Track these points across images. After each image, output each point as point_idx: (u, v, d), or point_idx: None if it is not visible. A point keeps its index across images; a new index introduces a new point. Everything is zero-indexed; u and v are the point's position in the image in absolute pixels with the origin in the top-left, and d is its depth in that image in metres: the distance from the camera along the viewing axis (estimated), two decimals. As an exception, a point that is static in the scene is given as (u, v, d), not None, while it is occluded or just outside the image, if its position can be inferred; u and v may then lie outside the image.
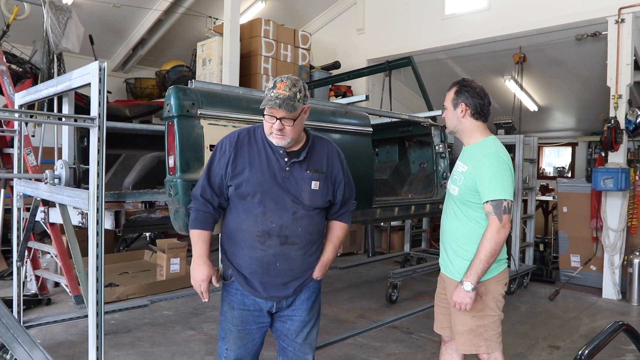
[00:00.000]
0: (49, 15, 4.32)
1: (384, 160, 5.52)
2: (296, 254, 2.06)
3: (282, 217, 2.01)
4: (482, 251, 2.16)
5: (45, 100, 3.72)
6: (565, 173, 10.87)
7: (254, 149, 2.05)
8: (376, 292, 5.39)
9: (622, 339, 3.65)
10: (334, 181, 2.13)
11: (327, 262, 2.19)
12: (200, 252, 2.06)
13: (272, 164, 2.03)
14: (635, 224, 5.49)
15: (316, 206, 2.08)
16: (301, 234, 2.05)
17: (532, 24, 6.15)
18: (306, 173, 2.04)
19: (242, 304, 2.12)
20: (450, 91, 2.37)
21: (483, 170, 2.20)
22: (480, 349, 2.29)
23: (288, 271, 2.07)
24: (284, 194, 2.01)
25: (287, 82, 1.95)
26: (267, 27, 6.54)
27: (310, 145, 2.10)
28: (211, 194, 2.07)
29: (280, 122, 1.93)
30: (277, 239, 2.01)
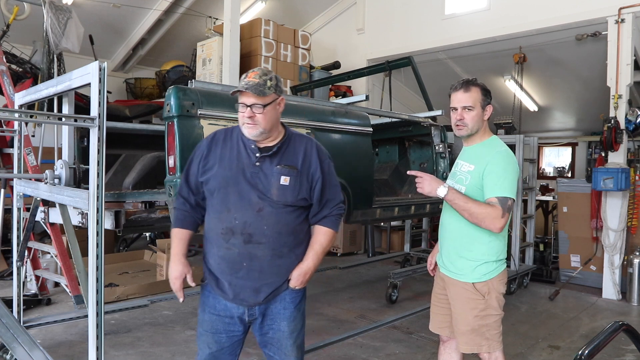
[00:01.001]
0: (49, 15, 4.32)
1: (384, 160, 5.52)
2: (263, 254, 1.94)
3: (246, 214, 1.92)
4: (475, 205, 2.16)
5: (45, 100, 3.72)
6: (565, 173, 10.87)
7: (227, 146, 2.00)
8: (376, 292, 5.39)
9: (622, 339, 3.65)
10: (311, 179, 2.00)
11: (306, 270, 2.00)
12: (176, 250, 2.03)
13: (242, 159, 1.96)
14: (635, 224, 5.49)
15: (286, 203, 1.95)
16: (267, 233, 1.93)
17: (532, 24, 6.15)
18: (276, 168, 1.94)
19: (213, 308, 2.04)
20: (472, 91, 2.27)
21: (492, 167, 2.20)
22: (482, 348, 2.29)
23: (257, 273, 1.95)
24: (250, 190, 1.92)
25: (257, 72, 1.92)
26: (267, 27, 6.54)
27: (285, 141, 2.01)
28: (187, 192, 2.04)
29: (250, 110, 1.87)
30: (240, 236, 1.92)
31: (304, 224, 2.05)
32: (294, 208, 1.98)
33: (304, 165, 1.99)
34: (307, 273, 2.01)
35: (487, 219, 2.13)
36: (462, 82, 2.32)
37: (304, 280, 2.01)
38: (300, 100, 3.60)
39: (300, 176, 1.97)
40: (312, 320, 4.42)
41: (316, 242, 2.05)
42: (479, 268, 2.26)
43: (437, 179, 2.26)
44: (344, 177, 3.42)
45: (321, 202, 2.04)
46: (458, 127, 2.32)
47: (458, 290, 2.32)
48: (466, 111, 2.28)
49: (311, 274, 2.03)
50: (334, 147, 3.40)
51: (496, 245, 2.28)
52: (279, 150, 1.97)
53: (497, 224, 2.13)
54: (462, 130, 2.31)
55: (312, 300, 5.07)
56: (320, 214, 2.05)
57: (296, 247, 2.02)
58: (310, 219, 2.07)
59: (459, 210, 2.21)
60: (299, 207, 2.00)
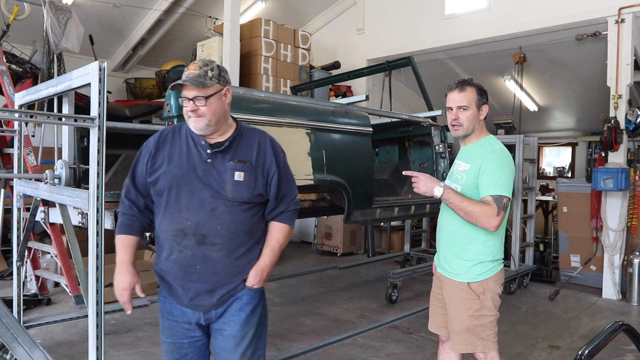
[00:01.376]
0: (49, 15, 4.32)
1: (384, 160, 5.52)
2: (218, 255, 1.84)
3: (199, 214, 1.82)
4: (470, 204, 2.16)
5: (45, 100, 3.72)
6: (565, 173, 10.87)
7: (176, 143, 1.90)
8: (376, 292, 5.39)
9: (622, 339, 3.65)
10: (266, 173, 1.91)
11: (264, 267, 1.90)
12: (124, 258, 1.92)
13: (193, 157, 1.86)
14: (635, 224, 5.49)
15: (242, 200, 1.85)
16: (222, 233, 1.83)
17: (532, 24, 6.15)
18: (229, 164, 1.85)
19: (170, 314, 1.93)
20: (467, 91, 2.27)
21: (487, 165, 2.21)
22: (477, 348, 2.29)
23: (211, 276, 1.84)
24: (202, 189, 1.83)
25: (198, 63, 1.84)
26: (267, 27, 6.54)
27: (236, 135, 1.91)
28: (135, 195, 1.94)
29: (193, 103, 1.79)
30: (193, 238, 1.82)
31: (260, 222, 1.95)
32: (249, 205, 1.89)
33: (258, 159, 1.90)
34: (264, 271, 1.90)
35: (482, 218, 2.14)
36: (457, 82, 2.33)
37: (261, 279, 1.90)
38: (300, 100, 3.60)
39: (255, 171, 1.88)
40: (312, 320, 4.43)
41: (272, 238, 1.95)
42: (474, 268, 2.27)
43: (433, 178, 2.28)
44: (343, 177, 3.42)
45: (277, 197, 1.95)
46: (454, 127, 2.34)
47: (453, 290, 2.33)
48: (461, 111, 2.29)
49: (269, 271, 1.93)
50: (334, 147, 3.40)
51: (492, 245, 2.28)
52: (231, 145, 1.88)
53: (492, 222, 2.13)
54: (458, 131, 2.33)
55: (312, 300, 5.08)
56: (276, 210, 1.96)
57: (254, 247, 1.92)
58: (267, 215, 1.97)
59: (454, 209, 2.22)
60: (255, 204, 1.91)
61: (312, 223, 7.95)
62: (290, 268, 6.48)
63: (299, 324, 4.32)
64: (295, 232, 8.45)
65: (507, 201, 2.17)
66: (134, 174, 1.94)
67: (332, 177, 3.33)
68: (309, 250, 7.82)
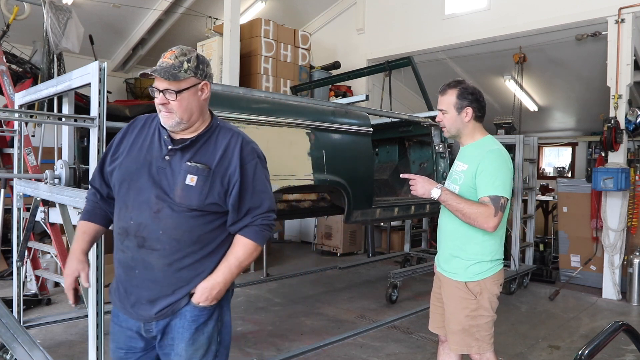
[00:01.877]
0: (49, 15, 4.32)
1: (384, 160, 5.53)
2: (157, 262, 1.66)
3: (142, 214, 1.66)
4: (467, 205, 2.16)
5: (45, 100, 3.72)
6: (565, 173, 10.87)
7: (142, 135, 1.75)
8: (376, 292, 5.39)
9: (622, 339, 3.65)
10: (227, 181, 1.68)
11: (214, 284, 1.67)
12: (75, 245, 1.80)
13: (153, 152, 1.70)
14: (635, 224, 5.49)
15: (190, 206, 1.65)
16: (163, 239, 1.64)
17: (532, 24, 6.15)
18: (185, 164, 1.66)
19: (116, 317, 1.78)
20: (447, 94, 2.32)
21: (484, 166, 2.21)
22: (472, 349, 2.29)
23: (150, 283, 1.67)
24: (151, 187, 1.66)
25: (175, 51, 1.68)
26: (267, 27, 6.54)
27: (204, 134, 1.72)
28: (100, 183, 1.82)
29: (163, 96, 1.63)
30: (134, 239, 1.67)
31: (218, 233, 1.73)
32: (201, 213, 1.67)
33: (220, 164, 1.68)
34: (214, 288, 1.67)
35: (479, 218, 2.14)
36: (444, 84, 2.37)
37: (209, 297, 1.67)
38: (300, 100, 3.60)
39: (213, 177, 1.66)
40: (312, 320, 4.43)
41: (232, 253, 1.72)
42: (471, 267, 2.27)
43: (431, 180, 2.29)
44: (343, 177, 3.42)
45: (239, 210, 1.71)
46: (442, 129, 2.42)
47: (451, 289, 2.33)
48: (442, 114, 2.35)
49: (220, 290, 1.69)
50: (334, 147, 3.40)
51: (490, 245, 2.28)
52: (194, 144, 1.70)
53: (489, 222, 2.13)
54: (445, 132, 2.40)
55: (312, 300, 5.08)
56: (240, 223, 1.73)
57: (205, 259, 1.70)
58: (229, 227, 1.74)
59: (452, 210, 2.23)
60: (209, 212, 1.69)
61: (312, 223, 7.95)
62: (290, 268, 6.48)
63: (299, 324, 4.32)
64: (295, 232, 8.45)
65: (504, 201, 2.17)
66: (102, 161, 1.83)
67: (332, 177, 3.33)
68: (309, 250, 7.82)
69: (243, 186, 1.70)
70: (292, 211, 3.97)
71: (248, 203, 1.72)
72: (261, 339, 3.91)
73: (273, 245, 7.37)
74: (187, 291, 1.69)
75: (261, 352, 3.63)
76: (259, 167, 1.76)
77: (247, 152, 1.73)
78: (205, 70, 1.71)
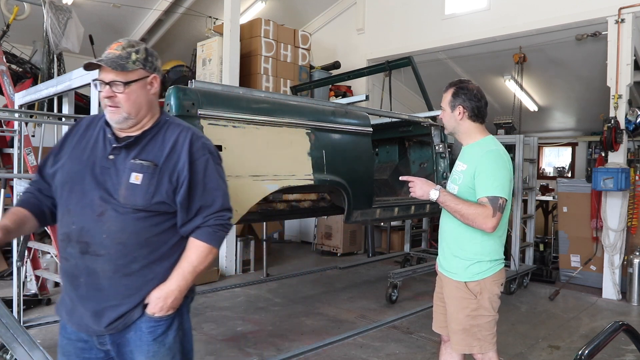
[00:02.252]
0: (49, 15, 4.32)
1: (384, 160, 5.52)
2: (102, 269, 1.54)
3: (85, 218, 1.55)
4: (465, 206, 2.17)
5: (45, 100, 3.72)
6: (565, 173, 10.87)
7: (87, 134, 1.65)
8: (376, 292, 5.39)
9: (622, 339, 3.65)
10: (176, 178, 1.58)
11: (168, 292, 1.58)
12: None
13: (97, 151, 1.61)
14: (635, 224, 5.49)
15: (136, 206, 1.55)
16: (107, 244, 1.54)
17: (532, 24, 6.15)
18: (129, 162, 1.56)
19: (64, 329, 1.67)
20: (447, 93, 2.38)
21: (483, 167, 2.22)
22: (474, 348, 2.29)
23: (96, 292, 1.56)
24: (94, 189, 1.56)
25: (122, 42, 1.59)
26: (267, 27, 6.54)
27: (151, 129, 1.63)
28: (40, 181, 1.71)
29: (109, 88, 1.54)
30: (76, 245, 1.55)
31: (168, 236, 1.62)
32: (148, 214, 1.57)
33: (168, 160, 1.59)
34: (168, 297, 1.57)
35: (478, 219, 2.15)
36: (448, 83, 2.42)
37: (164, 306, 1.57)
38: (300, 100, 3.60)
39: (160, 174, 1.57)
40: (312, 320, 4.42)
41: (184, 259, 1.61)
42: (471, 267, 2.27)
43: (429, 182, 2.30)
44: (343, 177, 3.42)
45: (190, 209, 1.61)
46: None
47: (452, 289, 2.34)
48: (442, 112, 2.42)
49: (175, 298, 1.59)
50: (334, 147, 3.40)
51: (490, 245, 2.29)
52: (140, 141, 1.60)
53: (488, 223, 2.14)
54: (445, 130, 2.47)
55: (312, 300, 5.08)
56: (190, 224, 1.62)
57: (155, 264, 1.59)
58: (180, 229, 1.64)
59: (451, 212, 2.24)
60: (156, 213, 1.59)
61: (312, 223, 7.95)
62: (290, 268, 6.48)
63: (299, 324, 4.32)
64: (295, 232, 8.45)
65: (503, 202, 2.17)
66: (44, 162, 1.72)
67: (332, 177, 3.33)
68: (309, 250, 7.82)
69: (193, 183, 1.60)
70: (292, 211, 3.97)
71: (199, 201, 1.62)
72: (261, 339, 3.91)
73: (273, 245, 7.38)
74: (136, 301, 1.58)
75: (261, 352, 3.63)
76: (210, 163, 1.66)
77: (197, 147, 1.64)
78: (155, 64, 1.64)
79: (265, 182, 2.86)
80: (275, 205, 3.66)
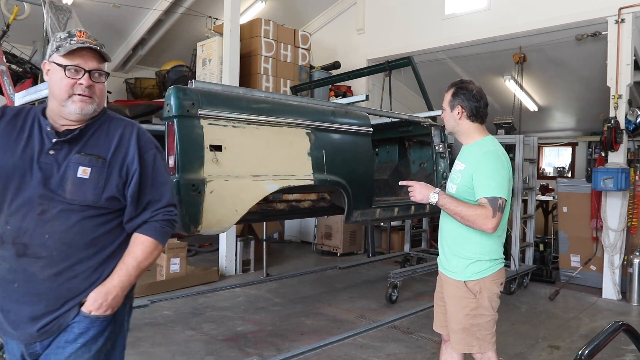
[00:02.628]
0: (49, 15, 4.32)
1: (384, 160, 5.52)
2: (43, 273, 1.44)
3: (22, 217, 1.45)
4: (465, 208, 2.18)
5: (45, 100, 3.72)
6: (565, 173, 10.87)
7: (17, 127, 1.52)
8: (376, 292, 5.39)
9: (622, 339, 3.65)
10: (125, 172, 1.53)
11: (109, 289, 1.49)
12: None
13: (33, 146, 1.49)
14: (635, 224, 5.49)
15: (84, 203, 1.47)
16: (50, 244, 1.44)
17: (532, 24, 6.15)
18: (74, 156, 1.48)
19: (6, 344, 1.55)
20: (447, 92, 2.39)
21: (481, 167, 2.22)
22: (473, 348, 2.30)
23: (33, 297, 1.45)
24: (36, 186, 1.45)
25: (87, 33, 1.51)
26: (267, 27, 6.54)
27: (94, 123, 1.56)
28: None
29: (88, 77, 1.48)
30: (12, 247, 1.44)
31: (116, 234, 1.56)
32: (96, 211, 1.50)
33: (116, 154, 1.53)
34: (109, 293, 1.48)
35: (478, 220, 2.16)
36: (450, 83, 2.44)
37: (104, 303, 1.48)
38: (300, 100, 3.60)
39: (109, 168, 1.51)
40: (312, 320, 4.43)
41: (129, 253, 1.54)
42: (471, 266, 2.28)
43: (428, 185, 2.31)
44: (343, 177, 3.42)
45: (139, 203, 1.56)
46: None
47: (451, 288, 2.35)
48: (442, 112, 2.45)
49: (116, 295, 1.50)
50: (334, 147, 3.40)
51: (489, 245, 2.29)
52: (83, 134, 1.52)
53: (488, 224, 2.15)
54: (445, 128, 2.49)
55: (312, 300, 5.08)
56: (138, 218, 1.57)
57: (101, 266, 1.52)
58: (126, 225, 1.57)
59: (451, 214, 2.26)
60: (106, 211, 1.52)
61: (312, 223, 7.95)
62: (290, 268, 6.48)
63: (299, 324, 4.32)
64: (295, 232, 8.45)
65: (502, 202, 2.17)
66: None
67: (332, 177, 3.33)
68: (309, 250, 7.82)
69: (143, 177, 1.56)
70: (292, 211, 3.97)
71: (148, 195, 1.57)
72: (261, 339, 3.91)
73: (273, 245, 7.38)
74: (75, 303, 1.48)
75: (261, 352, 3.63)
76: (157, 157, 1.62)
77: (144, 141, 1.60)
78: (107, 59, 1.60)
79: (265, 182, 2.86)
80: (275, 205, 3.66)
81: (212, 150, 2.60)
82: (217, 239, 6.08)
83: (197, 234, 2.47)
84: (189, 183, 2.48)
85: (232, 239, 5.97)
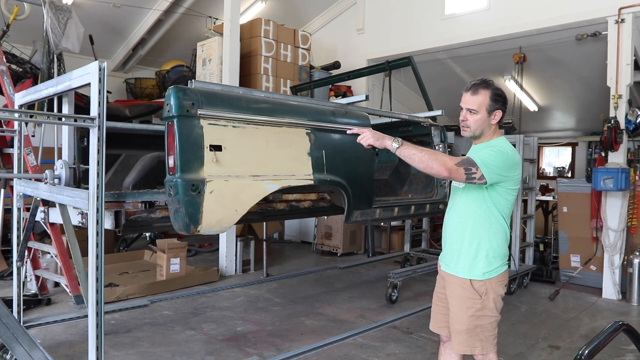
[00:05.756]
0: (49, 15, 4.32)
1: (384, 160, 5.52)
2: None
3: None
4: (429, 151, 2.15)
5: (45, 100, 3.72)
6: (565, 173, 10.87)
7: None
8: (376, 292, 5.39)
9: (622, 339, 3.65)
10: None
11: None
12: None
13: None
14: (635, 224, 5.49)
15: None
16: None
17: (532, 24, 6.15)
18: None
19: None
20: (480, 95, 2.27)
21: (481, 151, 2.23)
22: (476, 349, 2.29)
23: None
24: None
25: None
26: (267, 27, 6.54)
27: None
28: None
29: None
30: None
31: None
32: None
33: None
34: None
35: (436, 163, 2.10)
36: (473, 83, 2.31)
37: None
38: (300, 100, 3.60)
39: None
40: (312, 320, 4.42)
41: None
42: (478, 266, 2.27)
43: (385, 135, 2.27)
44: (343, 177, 3.42)
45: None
46: (462, 127, 2.35)
47: (456, 288, 2.33)
48: (470, 114, 2.29)
49: None
50: (334, 147, 3.40)
51: (497, 246, 2.28)
52: None
53: (447, 164, 2.10)
54: (465, 132, 2.35)
55: (312, 300, 5.07)
56: None
57: None
58: None
59: (414, 161, 2.16)
60: None
61: (312, 223, 7.94)
62: (290, 268, 6.48)
63: (299, 324, 4.32)
64: (295, 232, 8.45)
65: (476, 170, 2.13)
66: None
67: (332, 177, 3.33)
68: (309, 250, 7.82)
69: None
70: (292, 211, 3.97)
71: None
72: (261, 339, 3.91)
73: (273, 245, 7.38)
74: None
75: (261, 352, 3.63)
76: None
77: None
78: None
79: (265, 182, 2.86)
80: (275, 205, 3.65)
81: (212, 150, 2.60)
82: (217, 239, 6.08)
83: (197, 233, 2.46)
84: (189, 183, 2.47)
85: (232, 239, 5.97)
